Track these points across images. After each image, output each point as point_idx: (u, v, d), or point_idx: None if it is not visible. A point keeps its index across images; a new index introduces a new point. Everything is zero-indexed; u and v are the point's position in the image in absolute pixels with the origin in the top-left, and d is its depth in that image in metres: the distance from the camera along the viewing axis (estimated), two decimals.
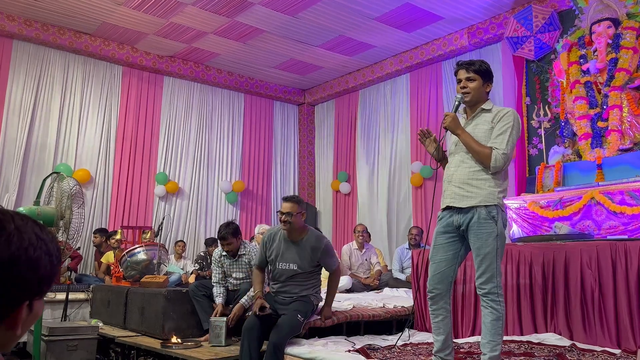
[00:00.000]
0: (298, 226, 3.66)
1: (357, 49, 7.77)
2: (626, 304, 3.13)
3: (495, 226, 2.51)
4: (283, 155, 9.53)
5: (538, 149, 5.77)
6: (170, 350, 3.65)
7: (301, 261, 3.66)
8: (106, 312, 4.98)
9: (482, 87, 2.67)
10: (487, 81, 2.69)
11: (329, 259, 3.75)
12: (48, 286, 0.85)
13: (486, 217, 2.51)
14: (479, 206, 2.53)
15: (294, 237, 3.69)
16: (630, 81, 4.53)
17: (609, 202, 4.07)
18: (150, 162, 8.02)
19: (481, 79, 2.66)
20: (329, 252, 3.73)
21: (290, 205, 3.62)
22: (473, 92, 2.65)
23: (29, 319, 0.84)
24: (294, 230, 3.67)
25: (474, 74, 2.65)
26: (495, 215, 2.52)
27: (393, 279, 6.19)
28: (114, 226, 7.33)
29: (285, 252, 3.70)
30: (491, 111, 2.65)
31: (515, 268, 3.69)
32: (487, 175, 2.57)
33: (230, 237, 4.15)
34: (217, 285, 4.23)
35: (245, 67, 8.55)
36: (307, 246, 3.66)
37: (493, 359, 2.47)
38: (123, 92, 7.89)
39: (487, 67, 2.70)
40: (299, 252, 3.67)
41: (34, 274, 0.81)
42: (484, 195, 2.54)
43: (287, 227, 3.63)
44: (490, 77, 2.71)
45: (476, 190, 2.56)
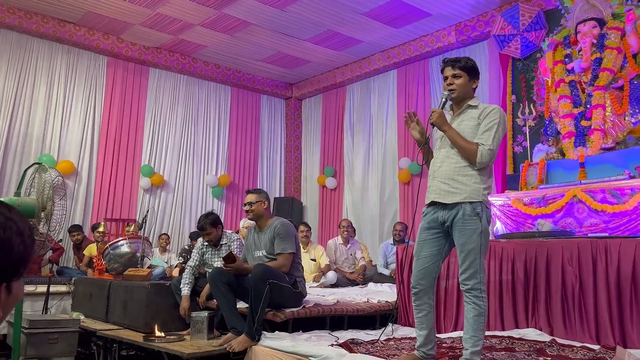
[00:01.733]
0: (261, 214, 3.93)
1: (345, 44, 7.75)
2: (606, 301, 3.18)
3: (480, 223, 2.53)
4: (269, 149, 9.50)
5: (523, 146, 5.83)
6: (153, 344, 3.62)
7: (267, 247, 3.85)
8: (88, 305, 4.93)
9: (468, 84, 2.69)
10: (474, 78, 2.71)
11: (280, 240, 3.77)
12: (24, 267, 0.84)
13: (471, 213, 2.53)
14: (464, 202, 2.55)
15: (261, 227, 3.96)
16: (614, 81, 4.59)
17: (591, 200, 4.13)
18: (135, 155, 7.94)
19: (467, 76, 2.68)
20: (280, 234, 3.79)
21: (250, 195, 3.95)
22: (459, 88, 2.67)
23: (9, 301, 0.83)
24: (260, 219, 3.94)
25: (460, 71, 2.67)
26: (480, 212, 2.54)
27: (377, 274, 6.22)
28: (97, 218, 7.26)
29: (257, 242, 3.97)
30: (478, 108, 2.67)
31: (498, 264, 3.73)
32: (472, 171, 2.58)
33: (209, 227, 4.15)
34: (189, 269, 4.21)
35: (232, 60, 8.49)
36: (271, 231, 3.86)
37: (475, 354, 2.49)
38: (108, 83, 7.79)
39: (473, 64, 2.71)
40: (264, 239, 3.90)
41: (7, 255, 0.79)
42: (469, 191, 2.56)
43: (251, 216, 3.94)
44: (477, 73, 2.73)
45: (461, 186, 2.57)
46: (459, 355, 2.61)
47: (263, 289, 3.36)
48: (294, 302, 3.78)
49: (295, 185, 9.58)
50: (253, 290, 3.37)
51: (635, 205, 3.88)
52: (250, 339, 3.32)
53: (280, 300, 3.64)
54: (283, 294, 3.60)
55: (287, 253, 3.73)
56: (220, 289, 3.65)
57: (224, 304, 3.65)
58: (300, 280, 3.86)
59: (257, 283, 3.37)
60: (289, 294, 3.69)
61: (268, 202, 4.01)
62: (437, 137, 2.76)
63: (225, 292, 3.66)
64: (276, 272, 3.56)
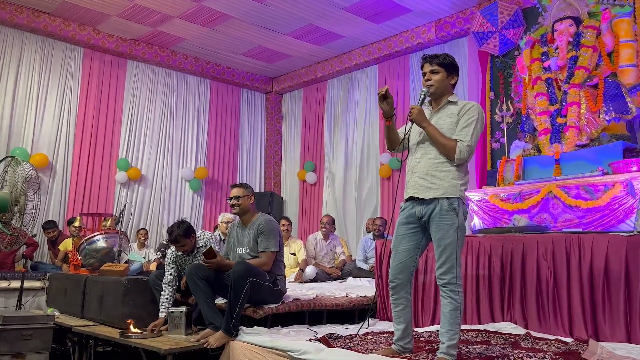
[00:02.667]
0: (247, 209, 3.88)
1: (326, 39, 7.74)
2: (579, 295, 3.25)
3: (457, 218, 2.56)
4: (249, 143, 9.44)
5: (500, 143, 5.90)
6: (130, 340, 3.58)
7: (250, 244, 3.81)
8: (63, 301, 4.85)
9: (446, 80, 2.71)
10: (452, 74, 2.73)
11: (263, 238, 3.73)
12: None
13: (448, 208, 2.56)
14: (442, 198, 2.58)
15: (245, 222, 3.92)
16: (589, 79, 4.67)
17: (565, 196, 4.20)
18: (112, 148, 7.82)
19: (445, 72, 2.70)
20: (264, 231, 3.76)
21: (237, 189, 3.90)
22: (437, 84, 2.69)
23: None
24: (245, 214, 3.90)
25: (438, 67, 2.69)
26: (457, 207, 2.57)
27: (357, 268, 6.25)
28: (72, 213, 7.14)
29: (240, 238, 3.92)
30: (457, 104, 2.69)
31: (475, 259, 3.78)
32: (450, 167, 2.61)
33: (182, 238, 3.83)
34: (167, 287, 3.88)
35: (211, 53, 8.41)
36: (255, 228, 3.82)
37: (451, 348, 2.52)
38: (84, 75, 7.64)
39: (452, 60, 2.73)
40: (248, 236, 3.85)
41: None
42: (446, 187, 2.59)
43: (237, 210, 3.89)
44: (455, 69, 2.74)
45: (439, 181, 2.60)
46: (436, 349, 2.64)
47: (243, 286, 3.34)
48: (274, 299, 3.77)
49: (275, 180, 9.55)
50: (233, 287, 3.34)
51: (608, 201, 3.97)
52: (228, 335, 3.30)
53: (259, 298, 3.63)
54: (262, 292, 3.59)
55: (270, 251, 3.70)
56: (198, 284, 3.62)
57: (202, 300, 3.62)
58: (281, 279, 3.85)
59: (237, 280, 3.35)
60: (269, 292, 3.68)
61: (254, 197, 3.98)
62: (415, 133, 2.77)
63: (204, 288, 3.62)
64: (257, 270, 3.53)
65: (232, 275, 3.38)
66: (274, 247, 3.72)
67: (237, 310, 3.32)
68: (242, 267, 3.42)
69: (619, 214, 3.92)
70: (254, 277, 3.43)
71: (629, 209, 3.85)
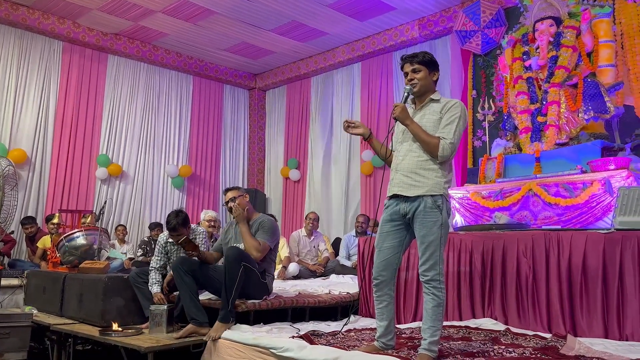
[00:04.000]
0: (244, 207, 3.88)
1: (309, 36, 7.72)
2: (557, 291, 3.30)
3: (440, 215, 2.57)
4: (232, 140, 9.39)
5: (482, 141, 5.96)
6: (110, 338, 3.54)
7: None
8: (41, 299, 4.77)
9: (428, 77, 2.73)
10: (433, 70, 2.75)
11: (262, 232, 3.82)
12: None
13: (432, 206, 2.57)
14: (426, 195, 2.59)
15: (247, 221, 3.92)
16: (569, 78, 4.73)
17: (545, 193, 4.26)
18: (92, 144, 7.71)
19: (427, 69, 2.72)
20: (265, 226, 3.85)
21: (231, 192, 3.95)
22: (420, 82, 2.71)
23: None
24: None
25: (418, 65, 2.71)
26: (441, 205, 2.59)
27: (340, 265, 6.26)
28: (51, 209, 7.02)
29: (238, 236, 3.91)
30: (440, 102, 2.71)
31: (457, 256, 3.81)
32: (434, 165, 2.63)
33: (180, 227, 3.93)
34: (154, 271, 4.07)
35: (194, 49, 8.33)
36: (256, 225, 3.88)
37: (433, 344, 2.54)
38: (63, 69, 7.51)
39: (431, 57, 2.75)
40: None
41: None
42: (430, 185, 2.60)
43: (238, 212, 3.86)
44: (436, 66, 2.76)
45: (423, 179, 2.61)
46: (418, 345, 2.66)
47: (237, 270, 3.38)
48: (259, 293, 3.76)
49: (258, 177, 9.52)
50: (227, 271, 3.40)
51: (586, 199, 4.03)
52: (225, 323, 3.34)
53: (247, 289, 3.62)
54: (251, 280, 3.61)
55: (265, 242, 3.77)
56: (183, 278, 3.61)
57: (186, 295, 3.61)
58: (269, 276, 3.89)
59: (231, 264, 3.39)
60: (256, 282, 3.68)
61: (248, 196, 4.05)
62: (398, 130, 2.78)
63: (189, 282, 3.61)
64: (248, 255, 3.58)
65: (226, 260, 3.44)
66: (270, 241, 3.80)
67: (233, 295, 3.37)
68: (235, 252, 3.48)
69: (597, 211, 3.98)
70: (246, 262, 3.49)
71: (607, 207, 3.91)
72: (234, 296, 3.38)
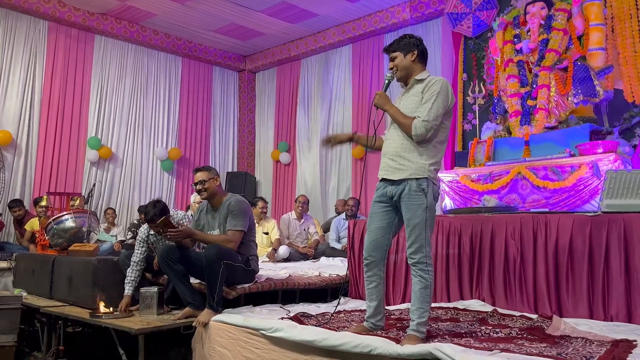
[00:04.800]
0: (215, 192, 3.77)
1: (300, 17, 7.64)
2: (544, 273, 3.35)
3: (425, 198, 2.59)
4: (222, 122, 9.32)
5: (472, 124, 5.97)
6: (100, 320, 3.54)
7: (221, 226, 3.73)
8: (31, 282, 4.76)
9: (405, 59, 2.74)
10: (409, 51, 2.74)
11: (232, 217, 3.64)
12: None
13: (416, 189, 2.59)
14: (410, 179, 2.61)
15: (215, 205, 3.81)
16: (559, 62, 4.74)
17: (534, 177, 4.29)
18: (80, 126, 7.61)
19: (402, 53, 2.74)
20: (234, 211, 3.66)
21: (201, 173, 3.75)
22: (399, 67, 2.75)
23: None
24: (213, 197, 3.77)
25: (393, 53, 2.77)
26: (425, 188, 2.60)
27: (330, 248, 6.29)
28: (39, 192, 6.95)
29: (211, 221, 3.82)
30: (423, 81, 2.70)
31: (446, 238, 3.84)
32: (418, 148, 2.63)
33: (158, 219, 3.75)
34: (135, 266, 3.89)
35: (183, 30, 8.21)
36: (225, 209, 3.72)
37: (421, 325, 2.57)
38: (49, 49, 7.38)
39: (403, 40, 2.77)
40: (218, 217, 3.77)
41: None
42: (414, 168, 2.62)
43: (205, 195, 3.76)
44: (410, 45, 2.74)
45: (407, 162, 2.63)
46: (407, 326, 2.69)
47: (218, 269, 3.32)
48: (247, 279, 3.76)
49: (248, 160, 9.48)
50: (208, 271, 3.33)
51: (574, 182, 4.07)
52: (214, 311, 3.34)
53: (233, 279, 3.61)
54: (236, 273, 3.57)
55: (237, 230, 3.62)
56: (172, 267, 3.57)
57: (178, 282, 3.59)
58: (253, 259, 3.82)
59: (211, 265, 3.32)
60: (242, 273, 3.66)
61: (219, 179, 3.87)
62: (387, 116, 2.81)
63: (178, 270, 3.59)
64: (229, 252, 3.48)
65: (205, 260, 3.35)
66: (241, 226, 3.63)
67: (217, 290, 3.34)
68: (215, 251, 3.36)
69: (584, 194, 4.03)
70: (227, 260, 3.40)
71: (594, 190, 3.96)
72: (218, 292, 3.34)
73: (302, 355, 2.69)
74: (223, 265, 3.34)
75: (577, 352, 2.28)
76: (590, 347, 2.41)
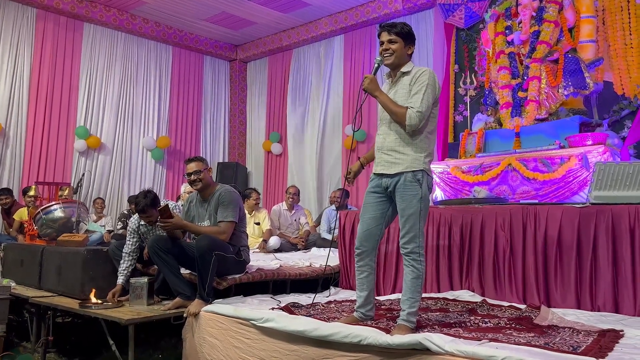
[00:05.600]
0: (208, 183, 3.75)
1: (292, 6, 7.58)
2: (533, 264, 3.38)
3: (420, 189, 2.60)
4: (213, 112, 9.26)
5: (463, 116, 5.99)
6: (90, 311, 3.53)
7: (212, 217, 3.71)
8: (19, 272, 4.72)
9: (404, 49, 2.70)
10: (409, 43, 2.73)
11: (223, 208, 3.63)
12: None
13: (412, 180, 2.60)
14: (406, 171, 2.62)
15: (205, 196, 3.78)
16: (550, 54, 4.75)
17: (524, 168, 4.31)
18: (69, 115, 7.53)
19: (403, 42, 2.69)
20: (224, 202, 3.64)
21: (195, 164, 3.71)
22: (395, 53, 2.69)
23: None
24: (206, 188, 3.75)
25: (395, 36, 2.68)
26: (421, 179, 2.61)
27: (321, 239, 6.30)
28: (28, 182, 6.89)
29: (201, 212, 3.80)
30: (410, 73, 2.69)
31: (436, 229, 3.86)
32: (413, 141, 2.63)
33: (149, 209, 3.80)
34: (127, 257, 3.88)
35: (174, 18, 8.13)
36: (215, 199, 3.70)
37: (411, 315, 2.58)
38: (37, 37, 7.27)
39: (409, 30, 2.73)
40: (209, 209, 3.74)
41: None
42: (409, 161, 2.62)
43: (199, 186, 3.72)
44: (412, 39, 2.74)
45: (403, 156, 2.64)
46: (397, 316, 2.70)
47: (209, 260, 3.31)
48: (238, 270, 3.76)
49: (239, 150, 9.44)
50: (199, 262, 3.32)
51: (563, 173, 4.10)
52: (205, 302, 3.33)
53: (224, 270, 3.61)
54: (227, 264, 3.57)
55: (228, 221, 3.61)
56: (162, 257, 3.56)
57: (168, 272, 3.58)
58: (244, 249, 3.82)
59: (202, 256, 3.32)
60: (233, 263, 3.66)
61: (211, 169, 3.88)
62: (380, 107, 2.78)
63: (169, 260, 3.57)
64: (220, 243, 3.47)
65: (197, 251, 3.34)
66: (232, 217, 3.62)
67: (208, 282, 3.34)
68: (206, 242, 3.35)
69: (574, 186, 4.06)
70: (219, 251, 3.40)
71: (583, 182, 3.99)
72: (209, 282, 3.34)
73: (293, 345, 2.70)
74: (214, 256, 3.33)
75: (565, 342, 2.31)
76: (578, 336, 2.44)
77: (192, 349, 3.27)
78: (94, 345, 3.88)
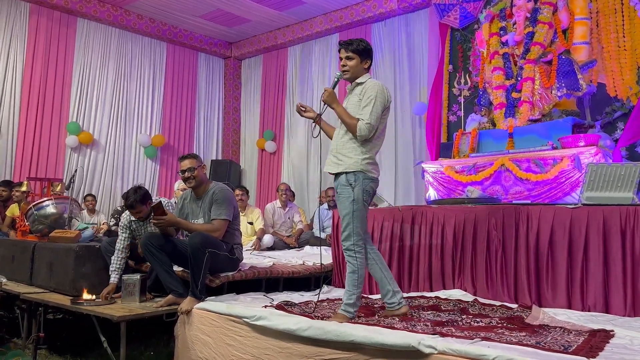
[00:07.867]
0: (202, 180, 3.76)
1: (287, 4, 7.57)
2: (525, 264, 3.40)
3: (352, 192, 2.81)
4: (207, 110, 9.23)
5: (457, 116, 6.00)
6: (81, 307, 3.51)
7: (206, 215, 3.70)
8: (10, 268, 4.69)
9: (360, 65, 2.93)
10: (365, 59, 2.95)
11: (217, 206, 3.63)
12: None
13: (345, 183, 2.83)
14: (342, 172, 2.84)
15: (199, 193, 3.78)
16: (544, 55, 4.78)
17: (517, 168, 4.34)
18: (62, 111, 7.48)
19: (359, 58, 2.92)
20: (218, 199, 3.64)
21: (189, 161, 3.71)
22: (351, 69, 2.93)
23: None
24: (200, 185, 3.75)
25: (352, 53, 2.92)
26: (353, 182, 2.82)
27: (314, 237, 6.30)
28: (20, 177, 6.84)
29: (195, 209, 3.80)
30: (363, 85, 2.91)
31: (429, 229, 3.87)
32: (354, 144, 2.85)
33: (139, 205, 3.79)
34: (119, 253, 3.85)
35: (168, 15, 8.09)
36: (209, 197, 3.71)
37: (349, 305, 2.81)
38: (30, 33, 7.21)
39: (365, 46, 2.95)
40: (202, 206, 3.74)
41: None
42: (349, 163, 2.84)
43: (193, 183, 3.72)
44: (369, 54, 2.96)
45: (344, 158, 2.86)
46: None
47: (202, 257, 3.31)
48: (231, 267, 3.76)
49: (233, 148, 9.42)
50: (192, 259, 3.31)
51: (556, 174, 4.13)
52: (197, 299, 3.33)
53: (217, 267, 3.61)
54: (220, 262, 3.56)
55: (222, 219, 3.60)
56: (154, 254, 3.55)
57: (161, 269, 3.56)
58: (237, 247, 3.82)
59: (195, 252, 3.31)
60: (226, 261, 3.65)
61: (205, 167, 3.87)
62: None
63: (161, 257, 3.56)
64: (213, 240, 3.47)
65: (190, 248, 3.33)
66: (226, 215, 3.62)
67: (200, 279, 3.33)
68: (199, 239, 3.34)
69: (566, 187, 4.09)
70: (212, 248, 3.39)
71: (575, 182, 4.02)
72: (201, 280, 3.34)
73: (285, 343, 2.70)
74: (207, 254, 3.33)
75: (556, 341, 2.32)
76: (569, 336, 2.45)
77: (184, 346, 3.26)
78: (86, 342, 3.86)
